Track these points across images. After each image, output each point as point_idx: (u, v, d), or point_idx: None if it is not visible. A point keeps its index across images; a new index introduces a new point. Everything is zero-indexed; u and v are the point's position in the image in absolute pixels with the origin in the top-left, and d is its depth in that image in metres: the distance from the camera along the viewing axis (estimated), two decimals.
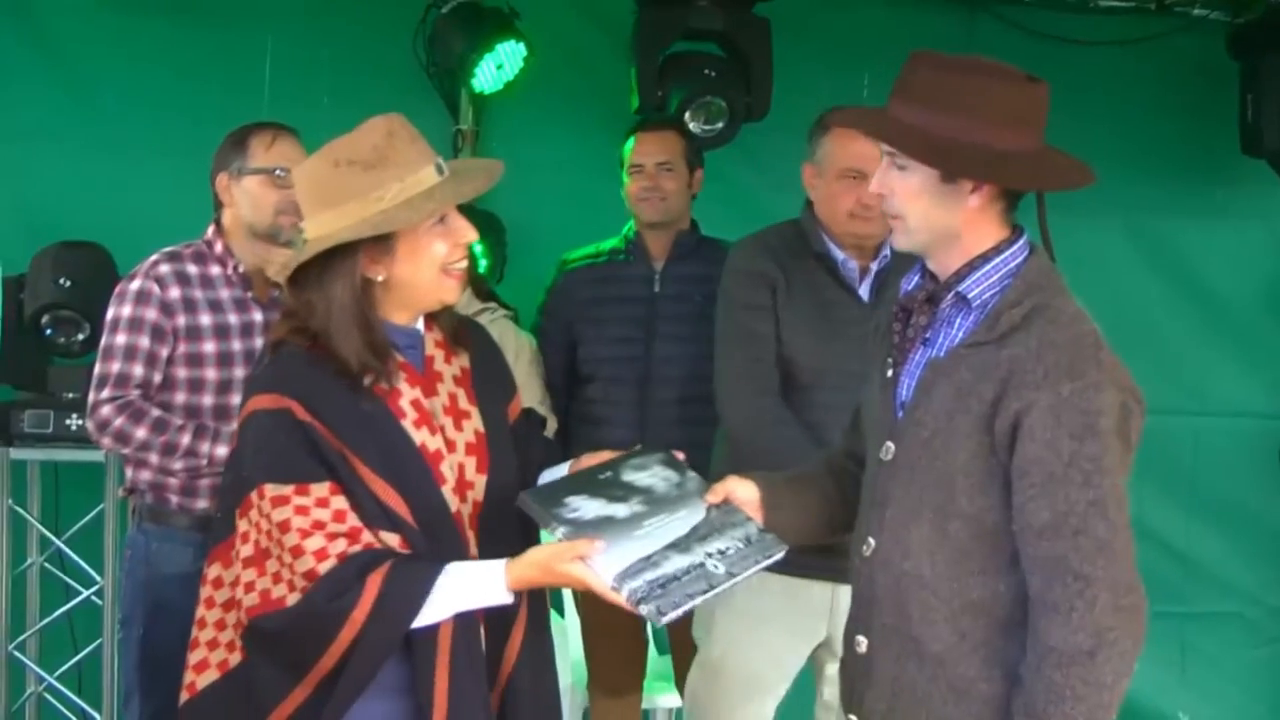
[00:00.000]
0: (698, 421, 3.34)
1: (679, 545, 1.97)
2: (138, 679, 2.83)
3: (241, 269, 2.89)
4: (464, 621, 1.97)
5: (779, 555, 2.05)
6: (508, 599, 1.94)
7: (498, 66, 3.99)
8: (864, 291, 2.92)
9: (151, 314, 2.80)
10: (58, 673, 3.72)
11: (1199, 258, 4.62)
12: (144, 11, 3.99)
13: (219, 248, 2.90)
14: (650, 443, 2.22)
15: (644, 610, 1.87)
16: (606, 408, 3.40)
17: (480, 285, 3.54)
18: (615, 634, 3.50)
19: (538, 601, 2.14)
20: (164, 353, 2.81)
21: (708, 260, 3.45)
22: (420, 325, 2.11)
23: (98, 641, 3.60)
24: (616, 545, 1.92)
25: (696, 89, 3.93)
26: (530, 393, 3.40)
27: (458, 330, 2.17)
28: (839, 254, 2.92)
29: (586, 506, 1.98)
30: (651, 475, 2.09)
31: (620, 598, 1.87)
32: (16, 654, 3.72)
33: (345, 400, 1.97)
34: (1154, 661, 4.36)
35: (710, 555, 1.97)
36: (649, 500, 2.03)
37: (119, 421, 2.75)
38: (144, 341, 2.79)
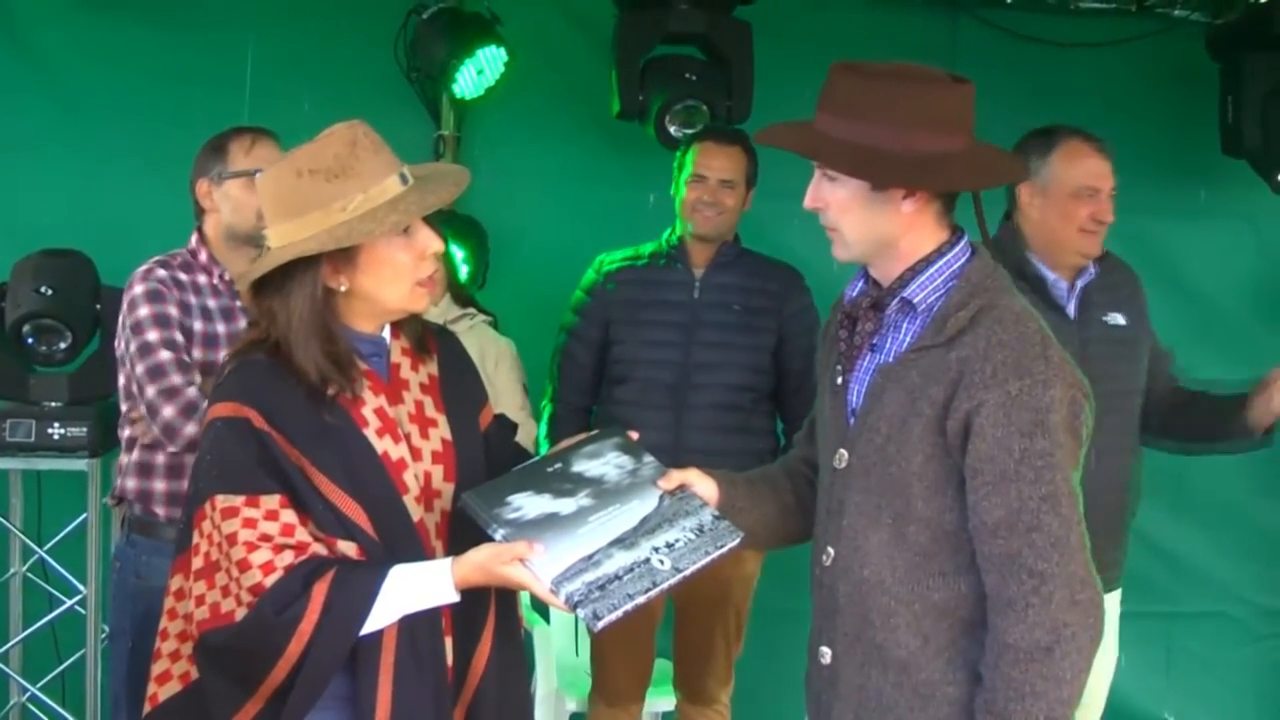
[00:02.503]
0: (732, 430, 3.40)
1: (624, 540, 1.92)
2: (126, 692, 2.80)
3: (228, 276, 2.87)
4: (410, 628, 1.94)
5: (734, 544, 2.00)
6: (454, 598, 1.91)
7: (478, 72, 3.99)
8: (1070, 309, 2.93)
9: (173, 309, 2.77)
10: (41, 683, 3.69)
11: (1183, 258, 4.63)
12: (125, 17, 3.99)
13: (204, 256, 2.88)
14: (609, 427, 2.17)
15: (580, 614, 1.84)
16: (641, 410, 3.37)
17: (459, 291, 3.52)
18: (624, 642, 3.48)
19: (506, 611, 2.11)
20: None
21: (747, 271, 3.47)
22: (386, 333, 2.09)
23: (81, 651, 3.58)
24: (558, 544, 1.89)
25: (677, 93, 3.93)
26: (511, 398, 3.39)
27: (423, 337, 2.14)
28: (1049, 274, 2.92)
29: (530, 504, 1.95)
30: (604, 463, 2.05)
31: (558, 601, 1.85)
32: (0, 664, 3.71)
33: (306, 410, 1.95)
34: (1140, 661, 4.36)
35: (657, 550, 1.93)
36: (598, 492, 1.99)
37: (190, 429, 2.64)
38: (176, 333, 2.75)
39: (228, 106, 3.78)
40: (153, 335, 2.74)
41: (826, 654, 2.01)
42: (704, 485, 2.08)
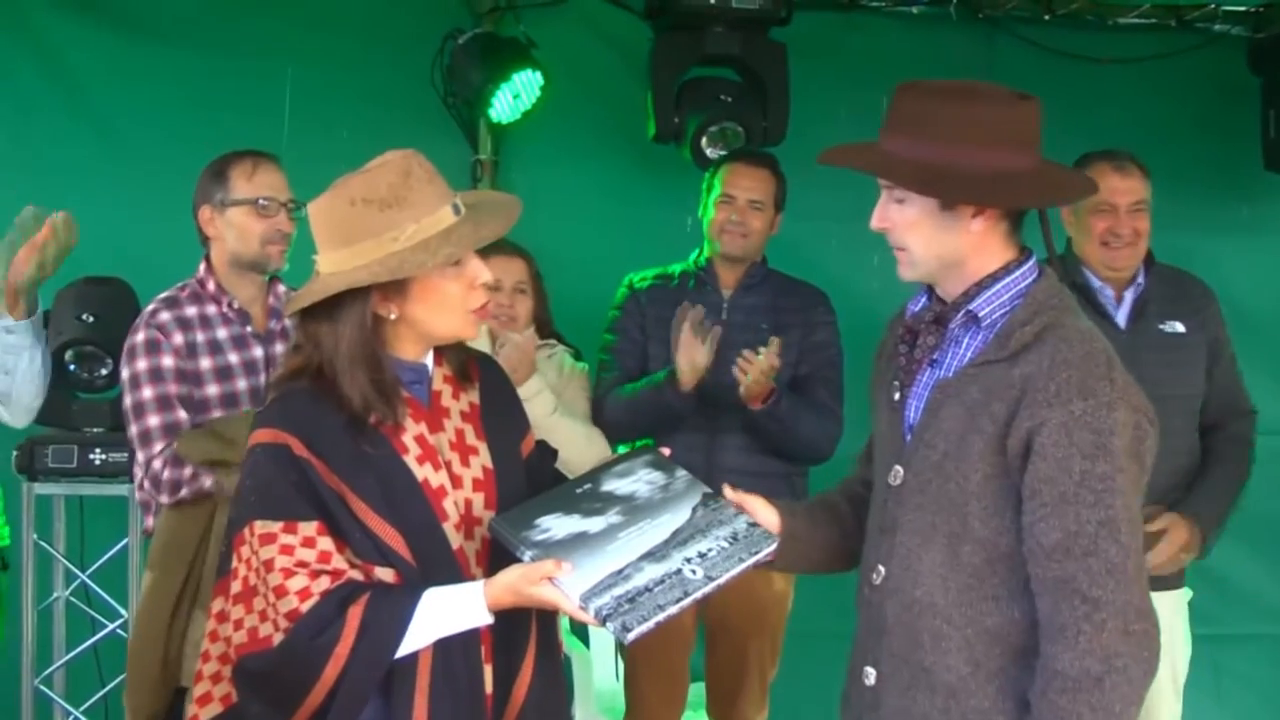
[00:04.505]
0: (765, 450, 3.37)
1: (655, 554, 1.91)
2: None
3: (237, 304, 2.86)
4: (445, 653, 1.94)
5: (769, 549, 1.99)
6: (488, 619, 1.91)
7: (514, 96, 4.00)
8: (1120, 318, 3.11)
9: (168, 360, 2.77)
10: (84, 706, 3.72)
11: (1226, 275, 4.48)
12: (164, 44, 4.03)
13: (211, 285, 2.87)
14: (646, 447, 2.16)
15: (610, 628, 1.82)
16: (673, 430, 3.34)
17: (545, 323, 3.44)
18: (658, 667, 3.47)
19: (547, 637, 2.10)
20: (192, 395, 2.78)
21: (775, 291, 3.46)
22: (429, 360, 2.09)
23: (123, 675, 3.58)
24: (586, 562, 1.88)
25: (713, 115, 3.92)
26: (578, 405, 3.36)
27: (466, 365, 2.14)
28: (1095, 282, 3.12)
29: (558, 525, 1.93)
30: (634, 481, 2.04)
31: (587, 616, 1.84)
32: (43, 688, 3.72)
33: (346, 438, 1.95)
34: (1189, 684, 4.26)
35: (689, 560, 1.91)
36: (629, 509, 1.98)
37: (168, 474, 2.71)
38: (172, 388, 2.76)
39: (266, 133, 3.77)
40: (147, 392, 2.76)
41: (870, 675, 1.97)
42: (766, 514, 2.06)
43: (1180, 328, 3.12)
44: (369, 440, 1.97)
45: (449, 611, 1.90)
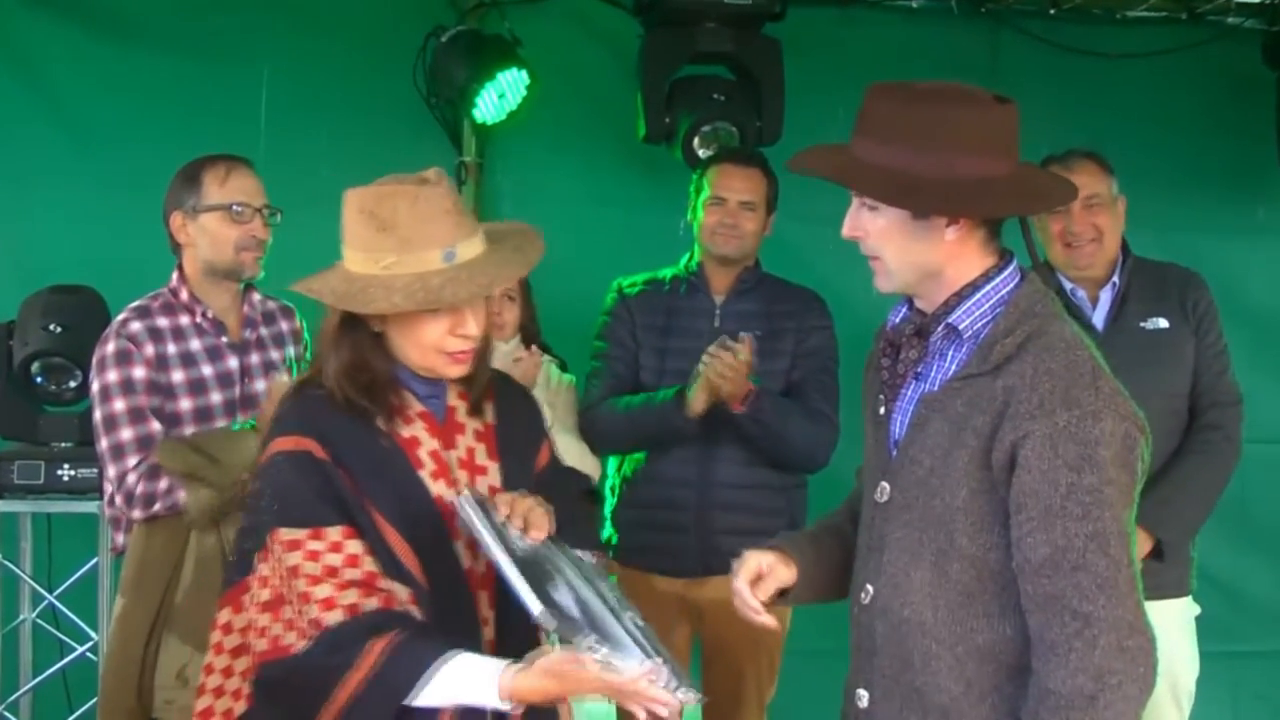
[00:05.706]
0: (759, 462, 3.33)
1: (615, 615, 1.92)
2: None
3: (211, 314, 2.80)
4: (468, 713, 1.89)
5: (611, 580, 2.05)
6: (500, 706, 1.83)
7: (499, 96, 3.95)
8: (1097, 320, 3.08)
9: (139, 372, 2.72)
10: None
11: (1239, 277, 4.49)
12: (137, 48, 3.97)
13: (185, 295, 2.81)
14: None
15: (679, 696, 1.81)
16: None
17: (531, 333, 3.40)
18: None
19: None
20: (164, 409, 2.73)
21: (768, 296, 3.42)
22: None
23: (93, 700, 3.50)
24: (606, 633, 1.85)
25: (705, 114, 3.87)
26: (567, 418, 3.32)
27: (480, 397, 2.11)
28: (1067, 283, 3.10)
29: (564, 598, 1.88)
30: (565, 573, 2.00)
31: (680, 697, 1.81)
32: (8, 715, 3.67)
33: (363, 442, 1.96)
34: (1204, 702, 4.16)
35: (630, 616, 1.94)
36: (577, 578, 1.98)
37: (142, 487, 2.66)
38: (144, 400, 2.71)
39: (242, 138, 3.71)
40: (119, 404, 2.70)
41: (863, 697, 1.94)
42: (784, 572, 2.04)
43: (1164, 323, 3.09)
44: (384, 438, 1.98)
45: (464, 682, 1.83)
